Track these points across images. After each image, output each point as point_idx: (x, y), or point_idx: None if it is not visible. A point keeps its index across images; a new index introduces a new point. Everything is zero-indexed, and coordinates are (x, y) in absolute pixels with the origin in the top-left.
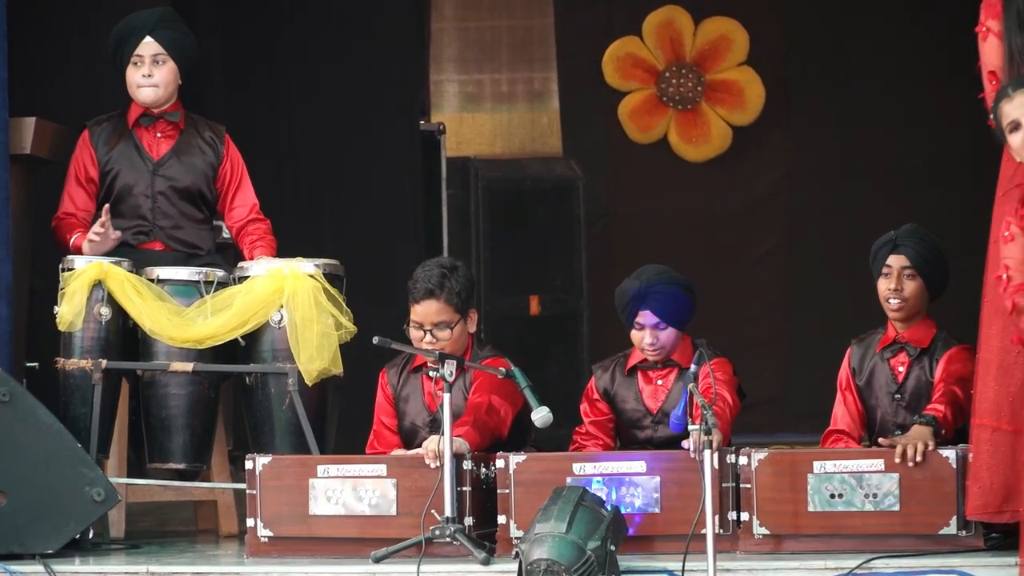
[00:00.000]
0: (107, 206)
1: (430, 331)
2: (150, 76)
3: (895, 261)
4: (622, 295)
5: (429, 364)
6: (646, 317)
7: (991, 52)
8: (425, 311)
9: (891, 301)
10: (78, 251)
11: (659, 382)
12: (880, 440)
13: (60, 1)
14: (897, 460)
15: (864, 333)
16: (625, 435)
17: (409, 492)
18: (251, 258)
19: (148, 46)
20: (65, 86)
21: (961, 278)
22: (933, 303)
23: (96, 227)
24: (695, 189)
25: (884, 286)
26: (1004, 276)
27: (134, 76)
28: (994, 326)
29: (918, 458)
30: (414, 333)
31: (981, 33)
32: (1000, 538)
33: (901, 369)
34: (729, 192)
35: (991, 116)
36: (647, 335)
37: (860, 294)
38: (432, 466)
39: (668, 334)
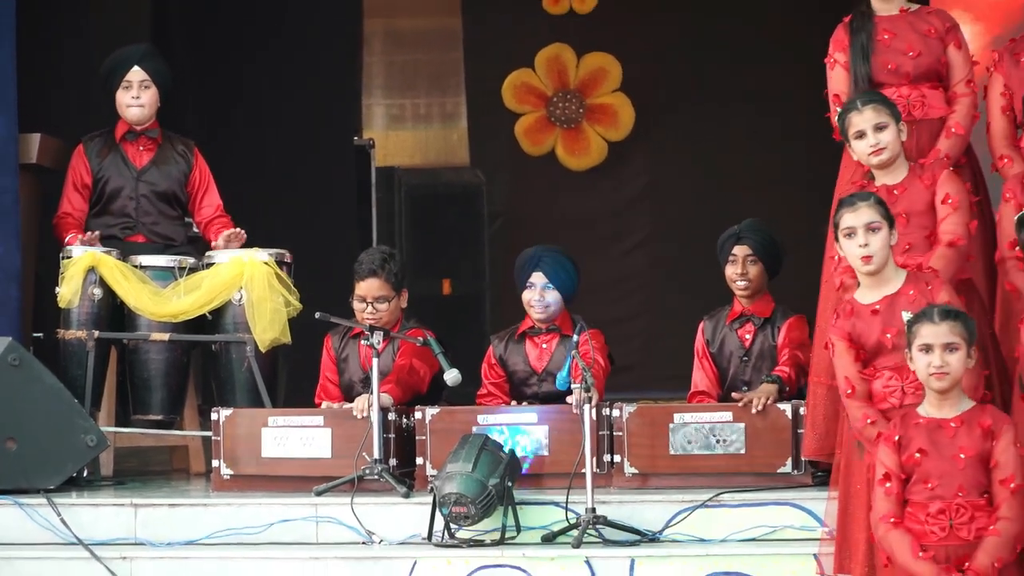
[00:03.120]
0: (97, 233)
1: (371, 303)
2: (138, 98)
3: (739, 250)
4: (521, 259)
5: (364, 333)
6: (537, 277)
7: (838, 79)
8: (368, 287)
9: (738, 283)
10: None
11: (544, 346)
12: (733, 395)
13: (60, 34)
14: (742, 405)
15: (713, 310)
16: (515, 392)
17: (342, 439)
18: (216, 239)
19: (136, 73)
20: (62, 107)
21: (799, 262)
22: (772, 281)
23: (88, 238)
24: (577, 193)
25: (731, 271)
26: (836, 257)
27: (124, 98)
28: (829, 301)
29: (760, 406)
30: (357, 305)
31: (829, 63)
32: (824, 476)
33: (748, 337)
34: (605, 195)
35: (838, 127)
36: (536, 293)
37: (711, 278)
38: (359, 417)
39: (553, 296)
